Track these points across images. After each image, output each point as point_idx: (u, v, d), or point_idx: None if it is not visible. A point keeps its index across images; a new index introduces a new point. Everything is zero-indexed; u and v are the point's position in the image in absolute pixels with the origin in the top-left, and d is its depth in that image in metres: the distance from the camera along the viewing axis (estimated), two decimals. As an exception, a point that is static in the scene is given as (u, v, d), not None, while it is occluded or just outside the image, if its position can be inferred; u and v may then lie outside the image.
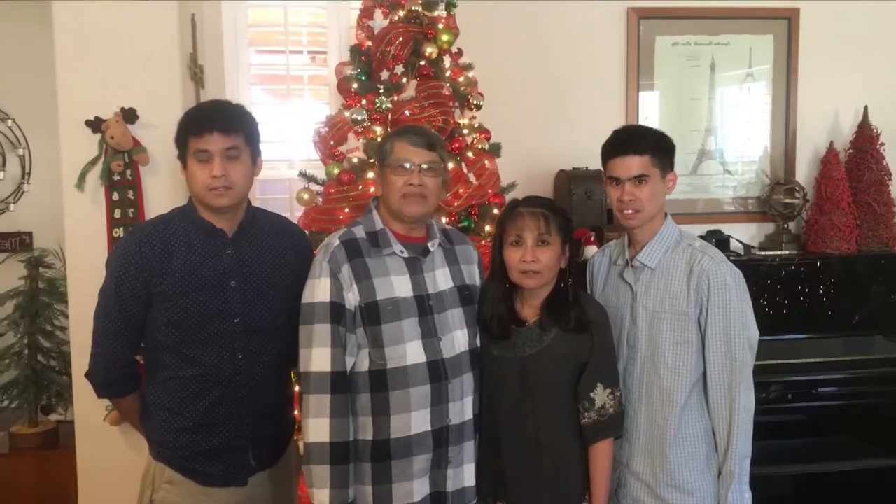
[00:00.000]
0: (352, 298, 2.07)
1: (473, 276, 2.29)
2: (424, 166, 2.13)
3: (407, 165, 2.12)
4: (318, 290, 2.07)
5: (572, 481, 2.17)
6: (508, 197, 3.02)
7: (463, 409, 2.16)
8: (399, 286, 2.11)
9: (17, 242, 4.70)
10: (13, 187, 4.70)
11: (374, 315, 2.07)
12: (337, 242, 2.12)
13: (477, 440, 2.21)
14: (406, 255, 2.15)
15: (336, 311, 2.05)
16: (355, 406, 2.09)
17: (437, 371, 2.10)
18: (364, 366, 2.09)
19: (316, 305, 2.06)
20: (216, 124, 2.06)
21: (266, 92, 4.08)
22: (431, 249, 2.20)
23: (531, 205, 2.19)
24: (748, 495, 2.18)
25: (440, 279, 2.19)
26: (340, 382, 2.05)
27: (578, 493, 2.18)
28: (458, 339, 2.17)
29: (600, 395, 2.14)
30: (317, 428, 2.03)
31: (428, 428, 2.10)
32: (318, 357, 2.04)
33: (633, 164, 2.19)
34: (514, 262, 2.16)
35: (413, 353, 2.09)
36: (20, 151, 4.64)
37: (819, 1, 3.99)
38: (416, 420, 2.08)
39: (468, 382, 2.17)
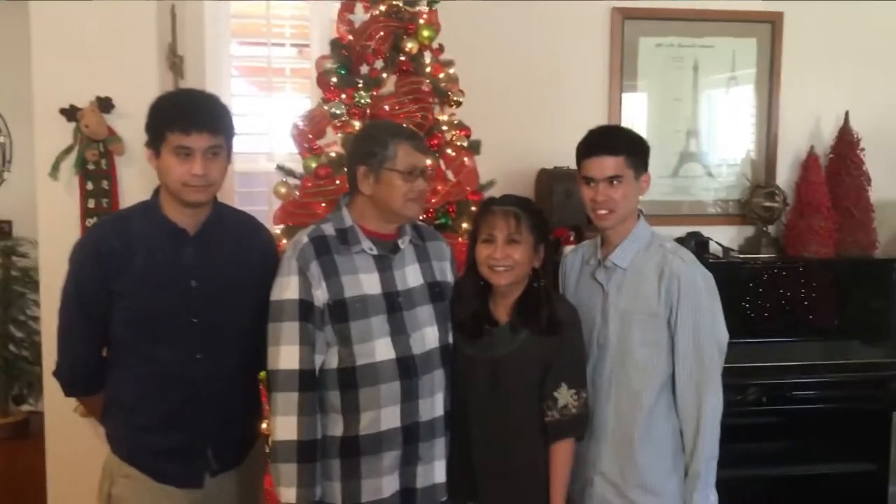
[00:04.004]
0: (320, 296, 2.06)
1: (445, 272, 2.28)
2: (426, 170, 2.17)
3: (415, 171, 2.11)
4: (287, 287, 2.06)
5: (541, 482, 2.16)
6: (487, 195, 3.00)
7: (433, 405, 2.15)
8: (367, 283, 2.10)
9: (-3, 231, 4.67)
10: (-7, 176, 4.67)
11: (342, 313, 2.06)
12: (305, 240, 2.11)
13: (448, 438, 2.21)
14: (375, 252, 2.13)
15: (305, 309, 2.04)
16: (325, 403, 2.08)
17: (407, 368, 2.10)
18: (333, 363, 2.08)
19: (284, 303, 2.05)
20: (203, 124, 2.02)
21: (248, 83, 4.06)
22: (402, 247, 2.19)
23: (504, 203, 2.19)
24: (714, 497, 2.18)
25: (410, 276, 2.18)
26: (308, 380, 2.04)
27: (547, 494, 2.17)
28: (427, 335, 2.16)
29: (564, 395, 2.13)
30: (284, 426, 2.02)
31: (398, 424, 2.09)
32: (286, 355, 2.03)
33: (607, 165, 2.18)
34: (483, 258, 2.16)
35: (382, 350, 2.08)
36: (0, 139, 4.61)
37: (803, 5, 3.99)
38: (385, 416, 2.08)
39: (438, 379, 2.17)
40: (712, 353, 2.16)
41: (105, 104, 3.19)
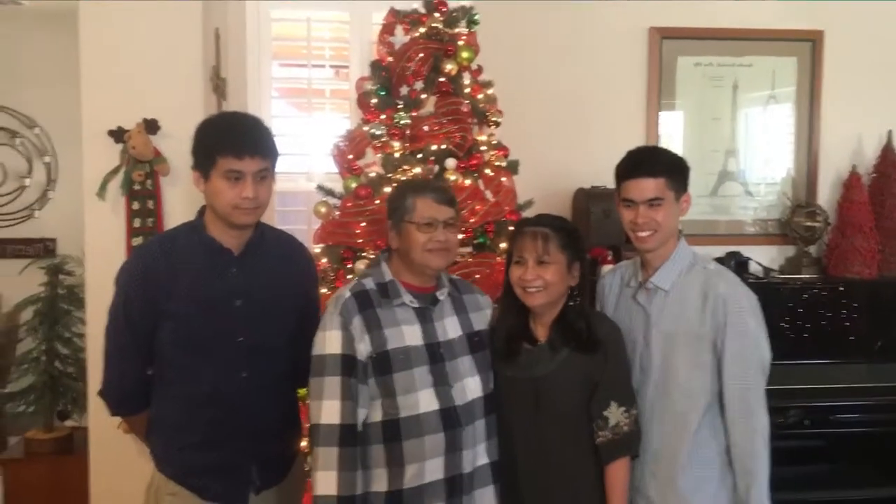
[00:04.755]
0: (363, 349, 2.06)
1: (485, 321, 2.28)
2: (449, 222, 2.15)
3: (434, 222, 2.12)
4: (330, 342, 2.05)
5: (589, 502, 2.15)
6: (525, 214, 3.01)
7: (475, 456, 2.14)
8: (410, 335, 2.10)
9: (42, 249, 4.77)
10: (38, 194, 4.77)
11: (386, 364, 2.06)
12: (348, 294, 2.11)
13: (495, 488, 2.18)
14: (416, 304, 2.14)
15: (347, 364, 2.04)
16: (368, 458, 2.06)
17: (451, 418, 2.08)
18: (377, 416, 2.07)
19: (327, 358, 2.05)
20: (255, 148, 2.04)
21: (288, 104, 4.11)
22: (440, 298, 2.19)
23: (535, 224, 2.19)
24: None
25: (449, 327, 2.18)
26: (349, 435, 2.02)
27: None
28: (469, 386, 2.15)
29: (614, 414, 2.11)
30: (325, 481, 2.00)
31: (441, 476, 2.08)
32: (327, 409, 2.02)
33: (647, 187, 2.17)
34: (515, 279, 2.17)
35: (426, 401, 2.07)
36: (46, 159, 4.72)
37: (844, 24, 3.96)
38: (430, 468, 2.06)
39: (480, 429, 2.15)
40: (757, 373, 2.13)
41: (151, 126, 3.26)
